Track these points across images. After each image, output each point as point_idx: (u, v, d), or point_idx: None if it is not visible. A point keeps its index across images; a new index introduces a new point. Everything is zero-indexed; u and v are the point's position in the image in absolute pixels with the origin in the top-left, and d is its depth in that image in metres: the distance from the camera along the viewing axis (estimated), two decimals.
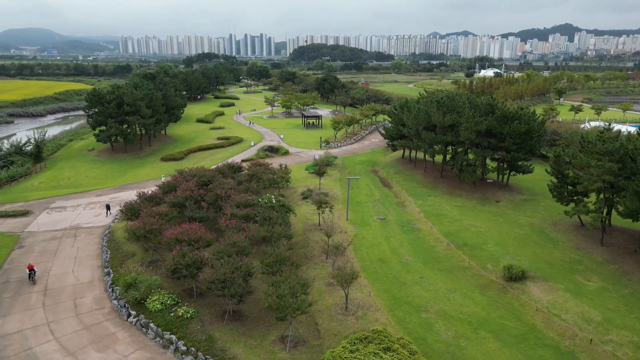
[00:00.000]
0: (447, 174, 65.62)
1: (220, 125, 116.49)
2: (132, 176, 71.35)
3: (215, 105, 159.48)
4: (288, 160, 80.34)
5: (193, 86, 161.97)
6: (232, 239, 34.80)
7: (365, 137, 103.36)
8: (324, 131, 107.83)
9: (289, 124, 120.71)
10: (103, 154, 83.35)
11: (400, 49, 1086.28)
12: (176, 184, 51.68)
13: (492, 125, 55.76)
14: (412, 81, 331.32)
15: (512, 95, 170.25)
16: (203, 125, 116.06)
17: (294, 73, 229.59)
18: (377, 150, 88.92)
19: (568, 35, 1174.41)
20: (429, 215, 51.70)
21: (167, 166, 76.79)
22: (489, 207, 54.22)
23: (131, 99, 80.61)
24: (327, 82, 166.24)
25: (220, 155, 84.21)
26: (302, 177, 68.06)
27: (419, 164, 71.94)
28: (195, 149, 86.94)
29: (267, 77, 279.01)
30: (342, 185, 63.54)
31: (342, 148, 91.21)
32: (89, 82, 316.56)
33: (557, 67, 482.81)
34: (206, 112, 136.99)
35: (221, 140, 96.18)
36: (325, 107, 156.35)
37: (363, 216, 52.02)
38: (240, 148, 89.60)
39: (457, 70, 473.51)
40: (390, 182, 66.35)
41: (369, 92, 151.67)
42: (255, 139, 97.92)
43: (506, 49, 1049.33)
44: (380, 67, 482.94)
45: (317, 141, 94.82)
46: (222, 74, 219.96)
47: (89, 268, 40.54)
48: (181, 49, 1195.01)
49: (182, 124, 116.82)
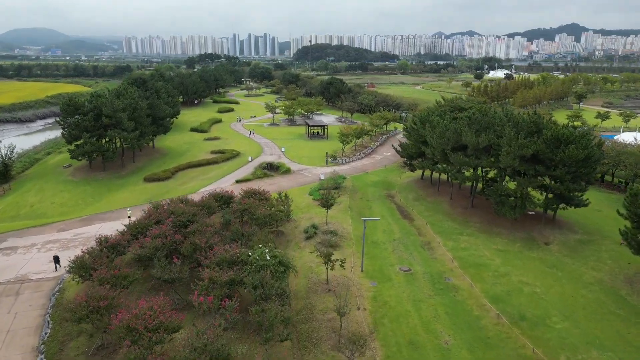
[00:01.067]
0: (479, 202, 54.97)
1: (216, 135, 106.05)
2: (107, 202, 61.05)
3: (213, 110, 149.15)
4: (289, 180, 69.85)
5: (189, 90, 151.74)
6: (202, 339, 24.19)
7: (376, 150, 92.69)
8: (329, 143, 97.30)
9: (292, 133, 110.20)
10: (79, 172, 73.14)
11: (405, 49, 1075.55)
12: (148, 224, 41.36)
13: (540, 149, 45.07)
14: (420, 82, 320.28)
15: (531, 100, 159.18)
16: (197, 135, 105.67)
17: (297, 75, 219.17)
18: (391, 168, 78.27)
19: (575, 35, 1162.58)
20: (466, 264, 41.08)
21: (150, 188, 66.49)
22: (539, 253, 43.50)
23: (111, 110, 70.37)
24: (332, 86, 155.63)
25: (213, 173, 73.83)
26: (306, 204, 57.59)
27: (443, 189, 61.24)
28: (184, 166, 76.56)
29: (270, 78, 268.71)
30: (353, 218, 53.03)
31: (351, 164, 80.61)
32: (86, 84, 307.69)
33: (567, 68, 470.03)
34: (202, 119, 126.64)
35: (215, 154, 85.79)
36: (331, 113, 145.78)
37: (382, 265, 41.47)
38: (236, 164, 79.16)
39: (465, 71, 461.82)
40: (411, 212, 55.71)
41: (377, 97, 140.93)
42: (254, 153, 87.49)
43: (512, 49, 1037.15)
44: (385, 68, 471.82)
45: (322, 155, 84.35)
46: (222, 76, 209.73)
47: (20, 352, 30.21)
48: (185, 49, 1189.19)
49: (174, 134, 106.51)
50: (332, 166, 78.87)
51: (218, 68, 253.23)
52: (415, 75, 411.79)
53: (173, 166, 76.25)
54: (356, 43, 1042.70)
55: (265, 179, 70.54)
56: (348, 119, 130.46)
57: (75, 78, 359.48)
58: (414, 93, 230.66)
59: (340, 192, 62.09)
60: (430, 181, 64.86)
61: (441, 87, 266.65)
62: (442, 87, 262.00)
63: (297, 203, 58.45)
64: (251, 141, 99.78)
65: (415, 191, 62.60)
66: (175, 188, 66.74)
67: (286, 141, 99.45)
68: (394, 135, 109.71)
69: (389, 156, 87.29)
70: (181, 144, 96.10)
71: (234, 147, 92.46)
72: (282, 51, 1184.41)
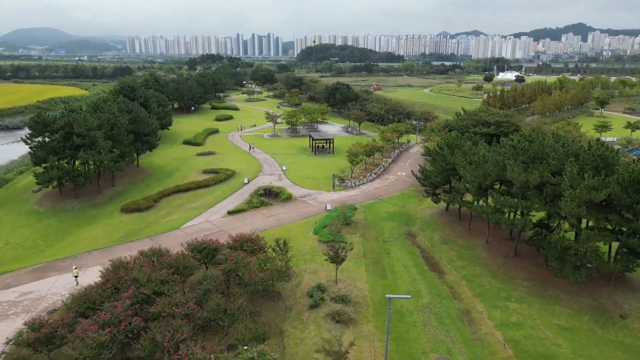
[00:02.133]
0: (524, 248, 44.54)
1: (211, 149, 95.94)
2: (73, 242, 50.99)
3: (210, 118, 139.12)
4: (290, 210, 59.62)
5: (185, 96, 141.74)
6: None
7: (389, 169, 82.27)
8: (336, 159, 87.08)
9: (294, 146, 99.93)
10: (47, 199, 63.16)
11: (409, 49, 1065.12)
12: (103, 294, 31.32)
13: (615, 193, 34.70)
14: (427, 85, 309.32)
15: (551, 106, 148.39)
16: (190, 150, 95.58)
17: (300, 79, 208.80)
18: (408, 193, 67.85)
19: (581, 35, 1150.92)
20: (524, 354, 30.71)
21: (127, 222, 56.38)
22: (617, 332, 33.11)
23: (84, 128, 60.33)
24: (338, 92, 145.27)
25: (202, 201, 63.65)
26: (310, 248, 47.37)
27: (476, 226, 50.83)
28: (170, 191, 66.37)
29: (272, 81, 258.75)
30: (368, 270, 42.80)
31: (361, 188, 70.22)
32: (84, 86, 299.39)
33: (578, 70, 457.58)
34: (197, 129, 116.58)
35: (208, 174, 75.67)
36: (337, 122, 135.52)
37: (412, 352, 31.21)
38: (230, 188, 68.96)
39: (472, 72, 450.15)
40: (439, 260, 45.39)
41: (387, 104, 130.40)
42: (251, 172, 77.33)
43: (519, 49, 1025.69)
44: (391, 69, 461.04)
45: (328, 176, 74.15)
46: (222, 80, 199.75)
47: None
48: (188, 49, 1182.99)
49: (165, 147, 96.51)
50: (340, 190, 68.60)
51: (218, 71, 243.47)
52: (422, 77, 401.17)
53: (157, 191, 66.07)
54: (360, 43, 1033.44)
55: (262, 208, 60.37)
56: (355, 129, 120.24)
57: (74, 80, 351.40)
58: (423, 97, 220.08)
59: (351, 229, 51.87)
60: (458, 215, 54.47)
61: (450, 90, 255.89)
62: (452, 90, 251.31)
63: (299, 245, 48.30)
64: (249, 157, 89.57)
65: (441, 229, 52.23)
66: (156, 221, 56.66)
67: (288, 157, 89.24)
68: (407, 149, 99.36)
69: (403, 177, 76.87)
70: (170, 160, 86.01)
71: (229, 164, 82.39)
72: (285, 51, 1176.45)
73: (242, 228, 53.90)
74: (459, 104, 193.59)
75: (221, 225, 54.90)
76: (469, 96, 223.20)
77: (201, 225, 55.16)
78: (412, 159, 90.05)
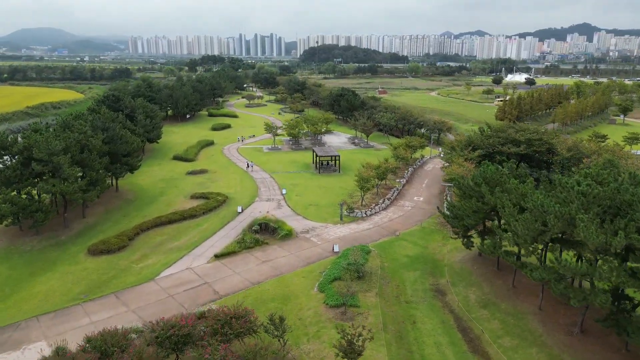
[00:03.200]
0: (590, 323, 34.46)
1: (204, 166, 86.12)
2: (20, 300, 41.10)
3: (206, 127, 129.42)
4: (290, 253, 49.60)
5: (180, 104, 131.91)
6: None
7: (403, 192, 72.17)
8: (342, 179, 77.14)
9: (296, 162, 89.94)
10: (3, 237, 53.33)
11: (413, 49, 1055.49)
12: None
13: None
14: (434, 87, 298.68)
15: (573, 114, 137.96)
16: (180, 167, 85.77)
17: (303, 83, 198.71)
18: (429, 227, 57.73)
19: (587, 35, 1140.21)
20: None
21: (92, 269, 46.48)
22: None
23: (45, 153, 50.57)
24: (343, 99, 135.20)
25: (185, 239, 53.68)
26: (314, 314, 37.36)
27: (522, 282, 40.68)
28: (150, 224, 56.44)
29: (274, 85, 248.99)
30: (391, 351, 32.81)
31: (374, 219, 60.13)
32: (79, 89, 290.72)
33: (587, 71, 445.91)
34: (191, 141, 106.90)
35: (196, 200, 65.76)
36: (342, 131, 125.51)
37: None
38: (220, 220, 59.02)
39: (478, 74, 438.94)
40: (480, 335, 35.33)
41: (396, 112, 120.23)
42: (246, 198, 67.45)
43: (524, 50, 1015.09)
44: (396, 71, 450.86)
45: (334, 202, 64.30)
46: (221, 84, 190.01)
47: None
48: (191, 49, 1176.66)
49: (152, 164, 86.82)
50: (349, 222, 58.58)
51: (217, 74, 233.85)
52: (428, 79, 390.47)
53: (135, 225, 56.11)
54: (364, 43, 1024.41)
55: (257, 250, 50.37)
56: (363, 141, 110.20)
57: (73, 82, 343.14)
58: (431, 102, 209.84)
59: (365, 284, 41.86)
60: (497, 265, 44.33)
61: (459, 93, 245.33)
62: (460, 94, 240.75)
63: (300, 308, 38.36)
64: (245, 176, 79.63)
65: (476, 284, 42.10)
66: (128, 268, 46.73)
67: (288, 176, 79.31)
68: (422, 165, 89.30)
69: (421, 203, 66.75)
70: (156, 181, 76.14)
71: (222, 187, 72.60)
72: (288, 51, 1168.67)
73: (231, 279, 44.12)
74: (471, 109, 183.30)
75: (205, 275, 44.97)
76: (479, 100, 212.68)
77: (181, 275, 45.21)
78: (428, 178, 79.98)
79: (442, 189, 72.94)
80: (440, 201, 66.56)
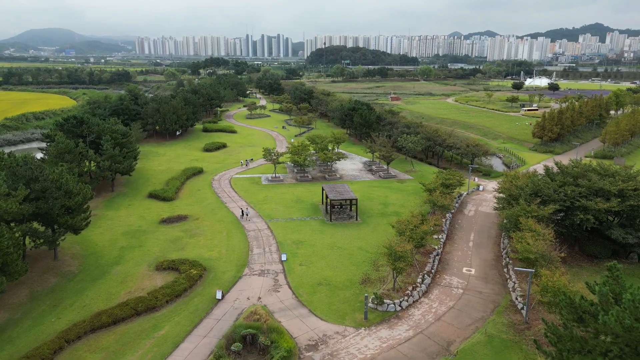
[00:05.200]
0: None
1: (184, 209, 67.85)
2: None
3: (197, 146, 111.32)
4: None
5: (168, 120, 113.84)
6: None
7: (446, 257, 53.10)
8: (362, 231, 58.45)
9: (301, 203, 71.29)
10: None
11: (422, 50, 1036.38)
12: None
13: None
14: (449, 93, 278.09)
15: (625, 132, 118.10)
16: (153, 209, 67.54)
17: (310, 91, 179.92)
18: (498, 335, 38.75)
19: (599, 35, 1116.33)
20: None
21: None
22: None
23: None
24: (356, 114, 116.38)
25: (131, 358, 35.36)
26: None
27: None
28: (83, 329, 38.09)
29: (279, 91, 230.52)
30: None
31: (413, 317, 41.02)
32: (73, 95, 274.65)
33: (609, 74, 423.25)
34: (175, 168, 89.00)
35: (162, 274, 47.34)
36: (355, 152, 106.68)
37: None
38: (189, 317, 40.48)
39: (493, 77, 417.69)
40: None
41: (420, 130, 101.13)
42: (230, 271, 48.96)
43: (536, 50, 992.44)
44: (407, 74, 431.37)
45: (353, 277, 45.97)
46: (220, 93, 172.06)
47: None
48: (197, 50, 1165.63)
49: (119, 205, 68.80)
50: (377, 324, 39.76)
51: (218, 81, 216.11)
52: (441, 83, 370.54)
53: (60, 331, 37.82)
54: (372, 44, 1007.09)
55: None
56: (382, 168, 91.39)
57: (70, 86, 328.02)
58: (451, 111, 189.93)
59: None
60: None
61: (479, 101, 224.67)
62: (481, 101, 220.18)
63: None
64: (235, 228, 61.08)
65: None
66: None
67: (291, 227, 60.67)
68: (461, 208, 70.31)
69: (474, 280, 47.67)
70: (117, 235, 57.82)
71: (202, 246, 54.47)
72: (295, 52, 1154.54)
73: None
74: (497, 121, 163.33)
75: None
76: (502, 109, 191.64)
77: None
78: (474, 231, 60.92)
79: (497, 253, 54.07)
80: (501, 276, 47.76)
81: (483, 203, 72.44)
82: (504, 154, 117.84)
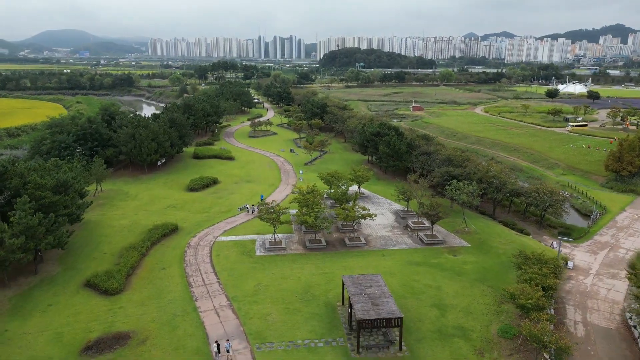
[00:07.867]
0: None
1: (130, 316, 43.65)
2: None
3: (181, 183, 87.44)
4: None
5: (145, 148, 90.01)
6: None
7: None
8: None
9: (312, 300, 46.67)
10: None
11: (437, 52, 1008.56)
12: None
13: None
14: (476, 101, 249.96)
15: None
16: (81, 318, 43.35)
17: (324, 105, 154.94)
18: None
19: (621, 36, 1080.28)
20: None
21: None
22: None
23: None
24: (382, 141, 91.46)
25: None
26: None
27: None
28: None
29: (289, 100, 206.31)
30: None
31: None
32: (67, 102, 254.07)
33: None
34: (141, 225, 64.96)
35: None
36: (383, 194, 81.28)
37: None
38: None
39: (519, 81, 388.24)
40: None
41: (466, 167, 76.05)
42: None
43: (556, 52, 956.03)
44: (426, 78, 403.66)
45: None
46: (220, 106, 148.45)
47: None
48: (209, 51, 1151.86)
49: (34, 304, 45.13)
50: None
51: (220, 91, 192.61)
52: (463, 88, 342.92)
53: None
54: (386, 46, 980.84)
55: None
56: (422, 223, 66.07)
57: (69, 91, 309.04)
58: (485, 126, 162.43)
59: None
60: None
61: (512, 112, 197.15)
62: (515, 113, 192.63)
63: None
64: None
65: None
66: None
67: None
68: (555, 314, 44.88)
69: None
70: None
71: None
72: (308, 54, 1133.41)
73: None
74: (545, 142, 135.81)
75: None
76: (543, 124, 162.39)
77: None
78: None
79: None
80: None
81: (589, 302, 47.13)
82: (570, 191, 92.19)
